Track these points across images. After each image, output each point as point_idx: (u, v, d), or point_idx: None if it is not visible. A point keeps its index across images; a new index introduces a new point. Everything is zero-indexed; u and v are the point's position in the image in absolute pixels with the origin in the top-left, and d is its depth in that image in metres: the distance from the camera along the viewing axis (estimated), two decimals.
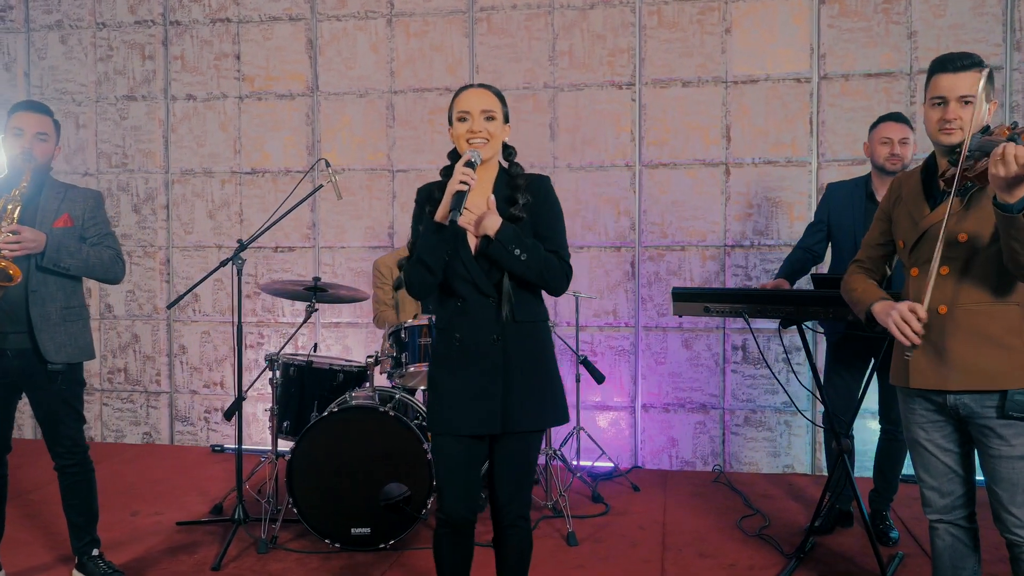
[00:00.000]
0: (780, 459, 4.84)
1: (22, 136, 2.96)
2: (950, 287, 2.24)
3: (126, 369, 5.56)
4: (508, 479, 2.36)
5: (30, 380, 3.00)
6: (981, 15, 4.63)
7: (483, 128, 2.32)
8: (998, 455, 2.21)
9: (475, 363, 2.31)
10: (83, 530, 3.15)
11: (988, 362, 2.20)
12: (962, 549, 2.40)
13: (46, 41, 5.58)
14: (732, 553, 3.45)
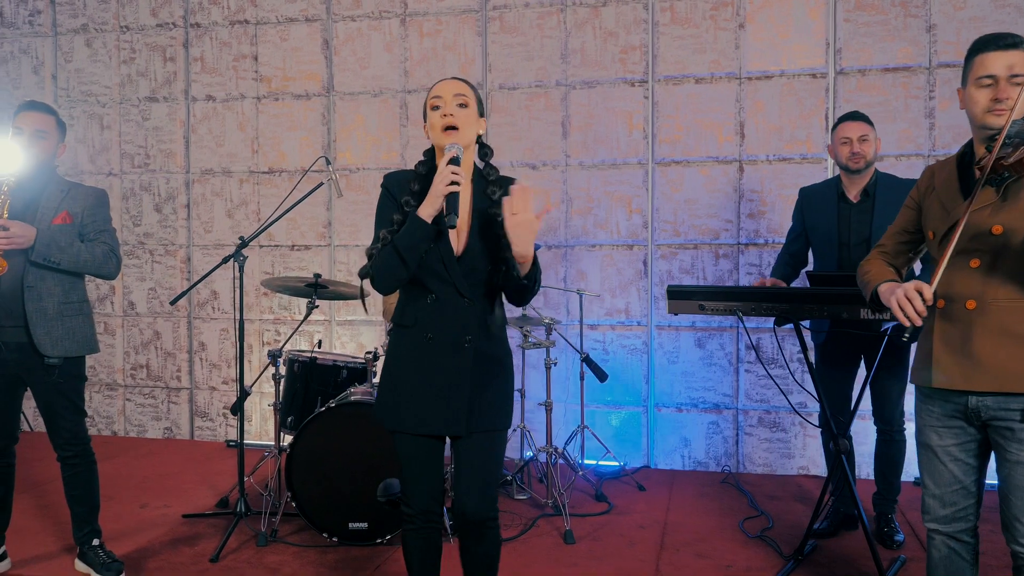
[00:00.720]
0: (795, 460, 4.77)
1: (22, 134, 3.05)
2: (980, 281, 2.11)
3: (148, 365, 5.67)
4: (475, 479, 2.30)
5: (29, 373, 3.08)
6: (1003, 7, 4.52)
7: (455, 112, 2.25)
8: (1016, 460, 2.08)
9: (444, 362, 2.28)
10: (84, 520, 3.22)
11: (1016, 363, 2.06)
12: (959, 563, 2.28)
13: (72, 44, 5.71)
14: (730, 554, 3.40)
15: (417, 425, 2.29)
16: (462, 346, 2.28)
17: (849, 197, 3.48)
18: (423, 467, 2.32)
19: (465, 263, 2.28)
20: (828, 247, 3.48)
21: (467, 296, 2.28)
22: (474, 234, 2.29)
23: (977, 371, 2.10)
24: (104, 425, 5.76)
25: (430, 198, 2.18)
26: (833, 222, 3.46)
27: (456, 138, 2.25)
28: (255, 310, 5.47)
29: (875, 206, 3.38)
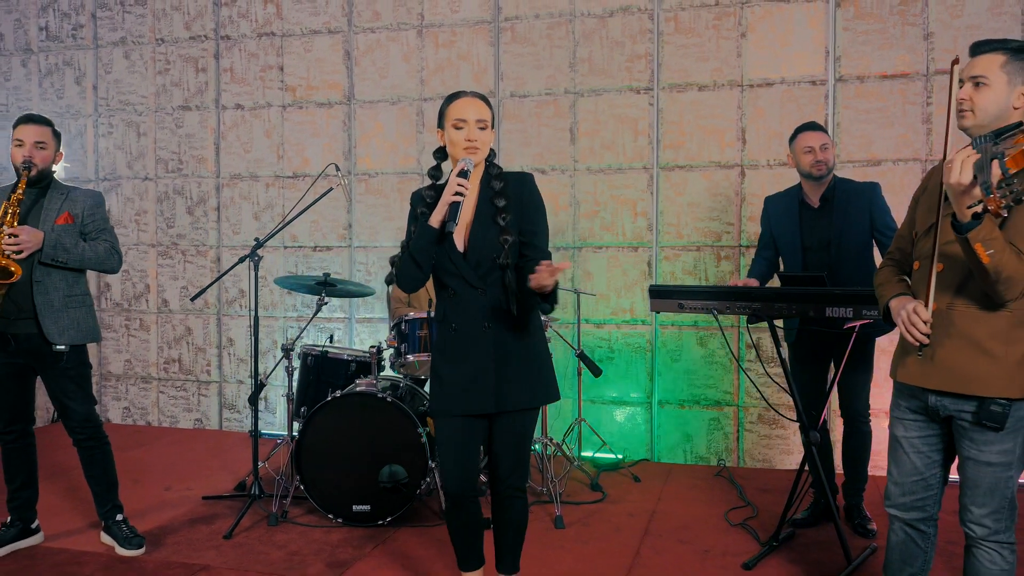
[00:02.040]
0: (793, 456, 4.90)
1: (23, 146, 3.34)
2: (943, 285, 2.22)
3: (180, 360, 5.99)
4: (505, 454, 2.59)
5: (39, 362, 3.38)
6: (999, 15, 4.61)
7: (478, 137, 2.50)
8: (967, 456, 2.23)
9: (469, 348, 2.54)
10: (104, 497, 3.52)
11: (968, 366, 2.18)
12: (912, 548, 2.44)
13: (111, 56, 6.06)
14: (711, 540, 3.57)
15: (451, 408, 2.55)
16: (482, 332, 2.54)
17: (810, 203, 3.64)
18: (457, 448, 2.57)
19: (471, 258, 2.53)
20: (793, 251, 3.64)
21: (478, 287, 2.53)
22: (476, 229, 2.54)
23: (934, 371, 2.23)
24: (139, 416, 6.09)
25: (440, 206, 2.46)
26: (796, 228, 3.62)
27: (474, 156, 2.51)
28: (279, 308, 5.76)
29: (834, 211, 3.54)
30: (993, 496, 2.20)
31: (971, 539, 2.28)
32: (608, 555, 3.40)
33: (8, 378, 3.39)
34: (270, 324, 5.77)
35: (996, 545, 2.23)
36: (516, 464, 2.61)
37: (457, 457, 2.58)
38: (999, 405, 2.12)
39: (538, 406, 2.64)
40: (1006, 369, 2.14)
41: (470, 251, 2.54)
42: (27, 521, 3.53)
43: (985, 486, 2.20)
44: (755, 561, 3.29)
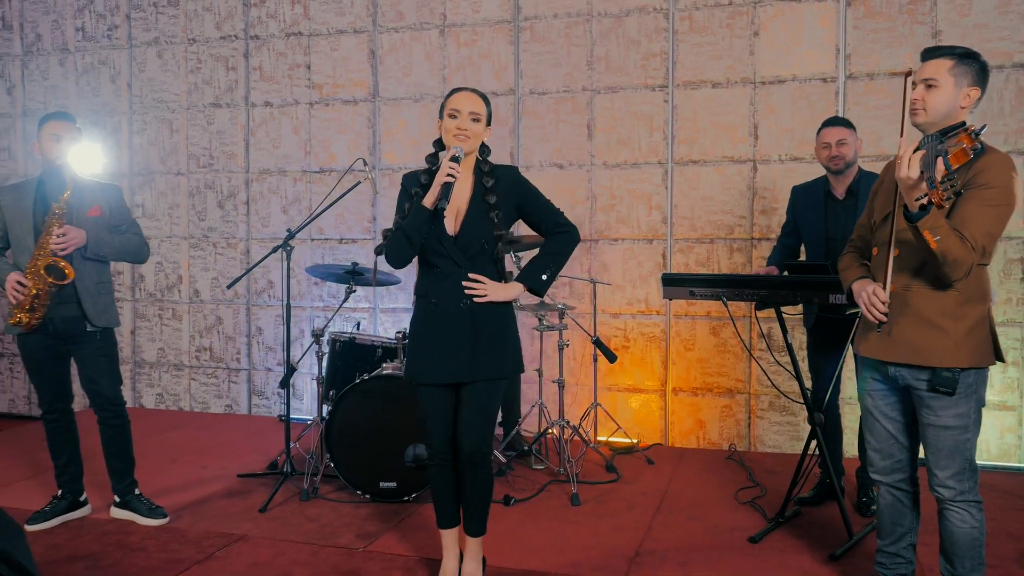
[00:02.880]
0: (803, 442, 5.05)
1: (60, 141, 3.53)
2: (899, 269, 2.48)
3: (211, 348, 6.23)
4: (472, 422, 2.79)
5: (75, 344, 3.60)
6: (1006, 13, 4.74)
7: (468, 127, 2.75)
8: (927, 423, 2.47)
9: (448, 323, 2.77)
10: (124, 473, 3.74)
11: (922, 340, 2.42)
12: (900, 508, 2.69)
13: (145, 56, 6.30)
14: (719, 517, 3.75)
15: (431, 376, 2.78)
16: (460, 308, 2.76)
17: (835, 195, 3.79)
18: (439, 412, 2.81)
19: (460, 240, 2.76)
20: (816, 241, 3.79)
21: (463, 267, 2.74)
22: (470, 217, 2.78)
23: (892, 345, 2.48)
24: (172, 402, 6.34)
25: (433, 187, 2.69)
26: (821, 218, 3.78)
27: (464, 144, 2.74)
28: (307, 298, 5.98)
29: (859, 202, 3.69)
30: (954, 458, 2.44)
31: (942, 503, 2.51)
32: (622, 530, 3.59)
33: (49, 360, 3.62)
34: (297, 314, 5.98)
35: (964, 504, 2.47)
36: (484, 432, 2.82)
37: (443, 421, 2.81)
38: (949, 372, 2.38)
39: (506, 377, 2.85)
40: (954, 341, 2.39)
41: (461, 235, 2.76)
42: (76, 494, 3.76)
43: (946, 449, 2.44)
44: (761, 535, 3.47)
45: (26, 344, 3.58)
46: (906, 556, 2.70)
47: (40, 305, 3.44)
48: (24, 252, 3.51)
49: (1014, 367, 4.72)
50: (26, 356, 3.61)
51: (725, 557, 3.28)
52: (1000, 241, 4.69)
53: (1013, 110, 4.74)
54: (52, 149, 3.52)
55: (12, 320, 3.46)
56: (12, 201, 3.57)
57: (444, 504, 2.90)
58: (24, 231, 3.52)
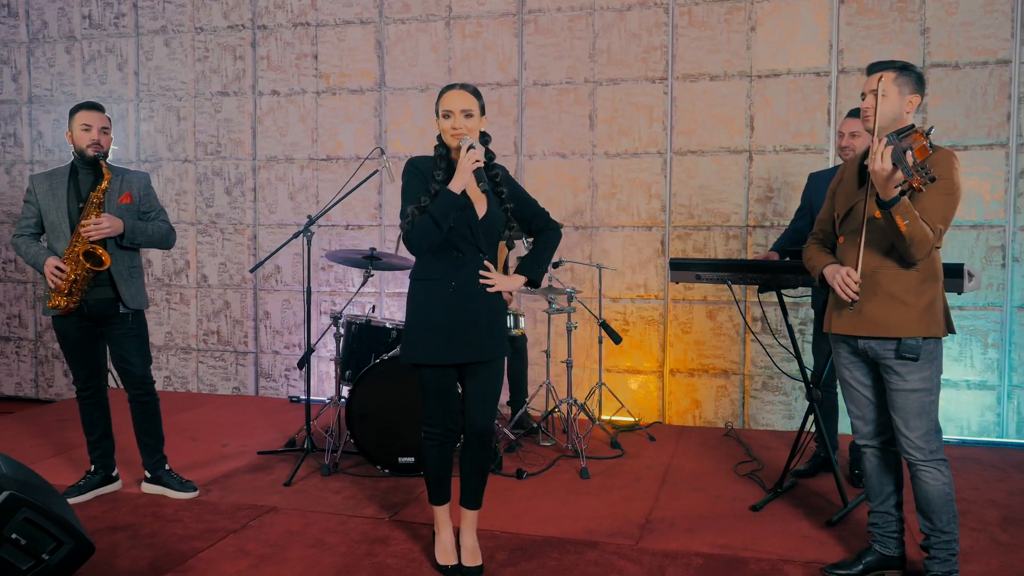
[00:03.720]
0: (794, 421, 5.30)
1: (90, 131, 3.66)
2: (868, 253, 2.77)
3: (219, 332, 6.37)
4: (485, 398, 2.96)
5: (108, 323, 3.75)
6: (991, 12, 4.97)
7: (463, 125, 2.87)
8: (895, 388, 2.75)
9: (466, 305, 2.90)
10: (154, 449, 3.90)
11: (889, 315, 2.73)
12: (885, 469, 2.97)
13: (152, 44, 6.41)
14: (721, 488, 3.98)
15: (444, 357, 2.89)
16: (478, 292, 2.92)
17: None
18: (445, 391, 2.95)
19: (485, 226, 2.91)
20: None
21: (484, 252, 2.92)
22: (492, 206, 2.94)
23: (863, 321, 2.78)
24: (180, 384, 6.48)
25: (459, 175, 2.81)
26: None
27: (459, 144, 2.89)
28: (314, 282, 6.13)
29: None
30: (921, 419, 2.73)
31: (913, 465, 2.78)
32: (630, 500, 3.80)
33: (84, 340, 3.78)
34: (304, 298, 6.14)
35: (934, 463, 2.75)
36: (494, 409, 3.00)
37: (448, 401, 2.96)
38: (913, 340, 2.69)
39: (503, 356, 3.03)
40: (917, 314, 2.71)
41: (486, 220, 2.92)
42: (108, 469, 3.92)
43: (914, 411, 2.73)
44: (762, 504, 3.69)
45: (62, 326, 3.72)
46: (895, 514, 2.97)
47: (78, 290, 3.59)
48: (60, 238, 3.65)
49: (994, 348, 4.97)
50: (62, 337, 3.76)
51: (730, 524, 3.50)
52: (983, 230, 4.96)
53: (996, 104, 4.98)
54: (83, 138, 3.65)
55: (50, 304, 3.61)
56: (46, 188, 3.70)
57: (442, 482, 3.03)
58: (60, 218, 3.66)
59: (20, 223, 3.76)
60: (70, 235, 3.62)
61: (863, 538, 3.26)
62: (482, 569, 3.02)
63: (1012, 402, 4.93)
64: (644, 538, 3.34)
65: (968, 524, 3.45)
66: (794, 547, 3.24)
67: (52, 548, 2.77)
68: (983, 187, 4.99)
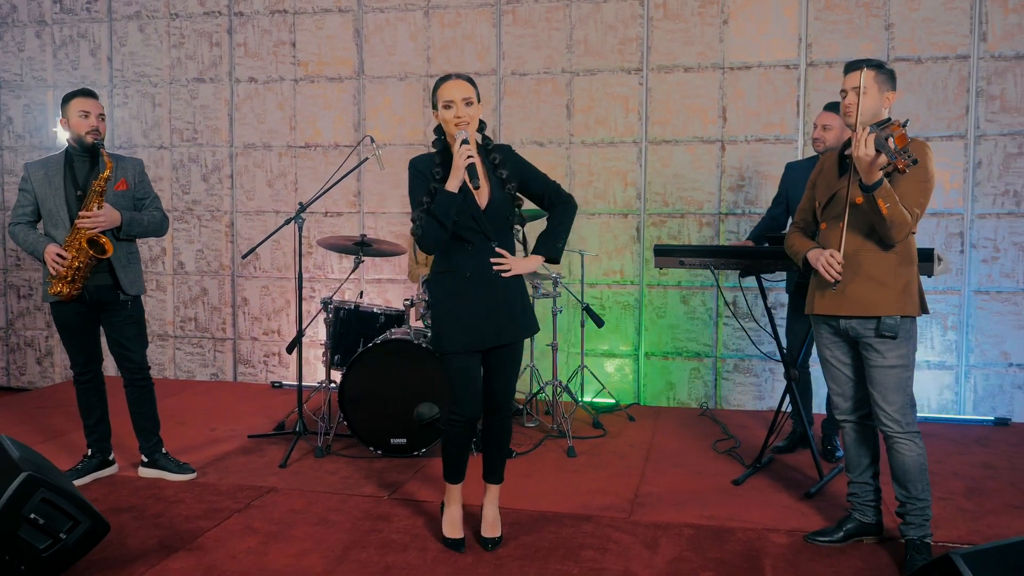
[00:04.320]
0: (764, 401, 5.52)
1: (89, 117, 3.68)
2: (850, 237, 2.96)
3: (196, 318, 6.39)
4: (505, 381, 3.09)
5: (106, 309, 3.81)
6: (951, 9, 5.20)
7: (465, 113, 2.94)
8: (874, 365, 2.94)
9: (482, 293, 3.00)
10: (151, 432, 3.96)
11: (869, 295, 2.91)
12: (863, 442, 3.18)
13: (126, 30, 6.37)
14: (703, 465, 4.16)
15: (467, 345, 3.00)
16: (493, 279, 3.01)
17: None
18: (471, 379, 3.04)
19: (490, 213, 3.00)
20: None
21: (494, 240, 3.02)
22: (493, 192, 3.02)
23: (845, 301, 2.96)
24: (156, 371, 6.47)
25: (453, 173, 2.91)
26: None
27: (465, 129, 2.95)
28: (292, 269, 6.18)
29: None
30: (898, 393, 2.93)
31: (890, 437, 2.98)
32: (618, 476, 3.97)
33: (83, 326, 3.82)
34: (283, 284, 6.19)
35: (909, 435, 2.95)
36: (514, 388, 3.14)
37: (474, 386, 3.05)
38: (892, 319, 2.87)
39: (529, 336, 3.15)
40: (895, 294, 2.89)
41: (490, 207, 3.00)
42: (105, 453, 3.97)
43: (892, 385, 2.93)
44: (743, 479, 3.89)
45: (61, 312, 3.76)
46: (872, 484, 3.17)
47: (80, 277, 3.62)
48: (59, 226, 3.67)
49: (953, 331, 5.24)
50: (61, 323, 3.79)
51: (714, 497, 3.68)
52: (943, 218, 5.21)
53: (956, 97, 5.22)
54: (82, 125, 3.67)
55: (52, 290, 3.63)
56: (42, 176, 3.72)
57: (460, 462, 3.14)
58: (58, 206, 3.68)
59: (16, 211, 3.77)
60: (69, 223, 3.65)
61: (841, 508, 3.47)
62: (501, 540, 3.15)
63: (969, 381, 5.21)
64: (635, 512, 3.50)
65: (935, 494, 3.66)
66: (777, 517, 3.43)
67: (69, 527, 2.83)
68: (943, 176, 5.24)
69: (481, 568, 2.97)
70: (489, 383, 3.11)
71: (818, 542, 3.16)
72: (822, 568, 2.95)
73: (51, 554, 2.80)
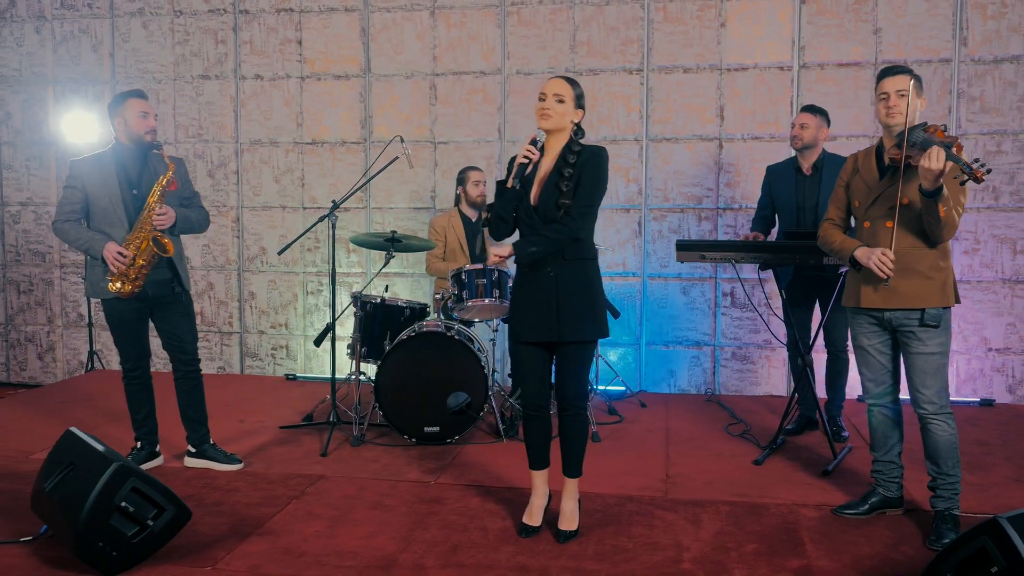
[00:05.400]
0: (761, 387, 5.82)
1: (148, 118, 3.83)
2: (892, 236, 3.17)
3: (202, 312, 6.47)
4: (568, 379, 3.19)
5: (163, 305, 3.95)
6: (935, 16, 5.53)
7: (551, 107, 3.11)
8: (914, 352, 3.19)
9: (537, 289, 3.16)
10: (200, 424, 4.10)
11: (914, 289, 3.15)
12: (889, 424, 3.43)
13: (129, 26, 6.40)
14: (721, 447, 4.43)
15: (522, 335, 3.20)
16: (546, 275, 3.16)
17: (803, 171, 4.48)
18: (528, 368, 3.22)
19: (540, 211, 3.14)
20: (789, 210, 4.49)
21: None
22: (546, 188, 3.14)
23: (893, 296, 3.20)
24: (161, 365, 6.54)
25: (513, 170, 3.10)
26: (792, 190, 4.47)
27: (546, 125, 3.13)
28: (300, 264, 6.30)
29: (822, 178, 4.39)
30: (936, 378, 3.19)
31: (924, 418, 3.23)
32: (645, 459, 4.21)
33: (137, 322, 3.93)
34: (290, 278, 6.31)
35: (943, 417, 3.21)
36: (577, 388, 3.21)
37: (533, 376, 3.22)
38: (935, 310, 3.13)
39: (591, 340, 3.21)
40: (938, 287, 3.15)
41: (540, 205, 3.15)
42: (152, 445, 4.09)
43: (930, 371, 3.18)
44: (763, 459, 4.16)
45: (118, 308, 3.87)
46: (896, 462, 3.43)
47: (142, 275, 3.74)
48: (115, 224, 3.77)
49: None
50: (116, 319, 3.89)
51: (740, 476, 3.94)
52: None
53: (939, 98, 5.56)
54: (142, 125, 3.81)
55: (112, 288, 3.73)
56: (94, 174, 3.82)
57: (536, 449, 3.30)
58: (112, 203, 3.77)
59: (62, 208, 3.84)
60: (126, 220, 3.76)
61: (856, 483, 3.76)
62: (576, 533, 3.25)
63: (952, 366, 5.56)
64: (671, 491, 3.75)
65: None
66: (802, 494, 3.70)
67: (154, 515, 2.97)
68: None
69: (542, 545, 3.18)
70: (557, 379, 3.26)
71: (845, 514, 3.43)
72: (854, 538, 3.22)
73: (139, 540, 2.94)
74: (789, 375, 5.77)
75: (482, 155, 6.01)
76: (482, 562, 3.03)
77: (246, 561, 3.02)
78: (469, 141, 6.05)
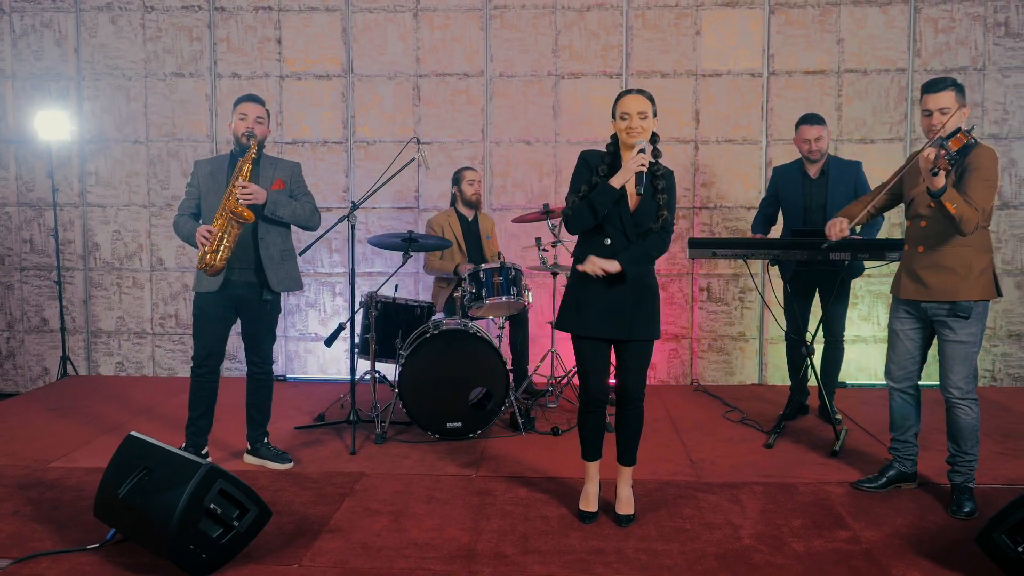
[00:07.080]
0: (735, 376, 6.14)
1: (246, 119, 3.91)
2: (924, 234, 3.48)
3: (177, 315, 6.34)
4: (632, 374, 3.37)
5: (247, 307, 3.97)
6: (892, 28, 5.96)
7: (639, 126, 3.26)
8: (946, 340, 3.49)
9: (610, 289, 3.30)
10: (260, 424, 4.13)
11: (947, 284, 3.43)
12: (908, 408, 3.73)
13: (96, 21, 6.21)
14: (727, 432, 4.70)
15: (593, 331, 3.33)
16: (617, 276, 3.30)
17: (810, 175, 4.78)
18: (594, 363, 3.37)
19: (636, 218, 3.31)
20: (796, 211, 4.78)
21: (632, 240, 3.31)
22: (644, 200, 3.29)
23: (924, 289, 3.50)
24: (134, 369, 6.39)
25: (623, 173, 3.21)
26: (799, 193, 4.76)
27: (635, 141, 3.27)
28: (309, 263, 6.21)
29: (829, 181, 4.69)
30: (965, 365, 3.48)
31: (951, 402, 3.53)
32: (664, 446, 4.43)
33: (218, 320, 3.98)
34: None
35: (968, 402, 3.52)
36: (640, 383, 3.39)
37: (597, 372, 3.38)
38: (966, 303, 3.42)
39: (654, 339, 3.42)
40: (969, 282, 3.42)
41: (637, 212, 3.30)
42: (199, 447, 4.06)
43: (959, 358, 3.48)
44: (772, 443, 4.44)
45: (204, 301, 3.94)
46: (912, 442, 3.76)
47: (226, 247, 3.76)
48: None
49: None
50: (197, 312, 3.97)
51: (758, 459, 4.21)
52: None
53: (896, 105, 6.00)
54: (239, 126, 3.93)
55: (200, 265, 3.80)
56: (207, 173, 3.97)
57: (593, 442, 3.47)
58: (217, 202, 3.86)
59: (181, 205, 4.06)
60: None
61: (864, 461, 4.09)
62: (634, 517, 3.44)
63: None
64: (702, 474, 3.98)
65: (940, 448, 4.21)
66: (820, 472, 3.99)
67: (238, 515, 2.99)
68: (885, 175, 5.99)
69: (606, 529, 3.35)
70: (619, 375, 3.42)
71: (864, 488, 3.73)
72: (885, 510, 3.52)
73: (226, 541, 2.96)
74: (763, 365, 6.13)
75: (466, 156, 6.12)
76: (556, 548, 3.17)
77: (329, 558, 3.08)
78: (453, 142, 6.15)
